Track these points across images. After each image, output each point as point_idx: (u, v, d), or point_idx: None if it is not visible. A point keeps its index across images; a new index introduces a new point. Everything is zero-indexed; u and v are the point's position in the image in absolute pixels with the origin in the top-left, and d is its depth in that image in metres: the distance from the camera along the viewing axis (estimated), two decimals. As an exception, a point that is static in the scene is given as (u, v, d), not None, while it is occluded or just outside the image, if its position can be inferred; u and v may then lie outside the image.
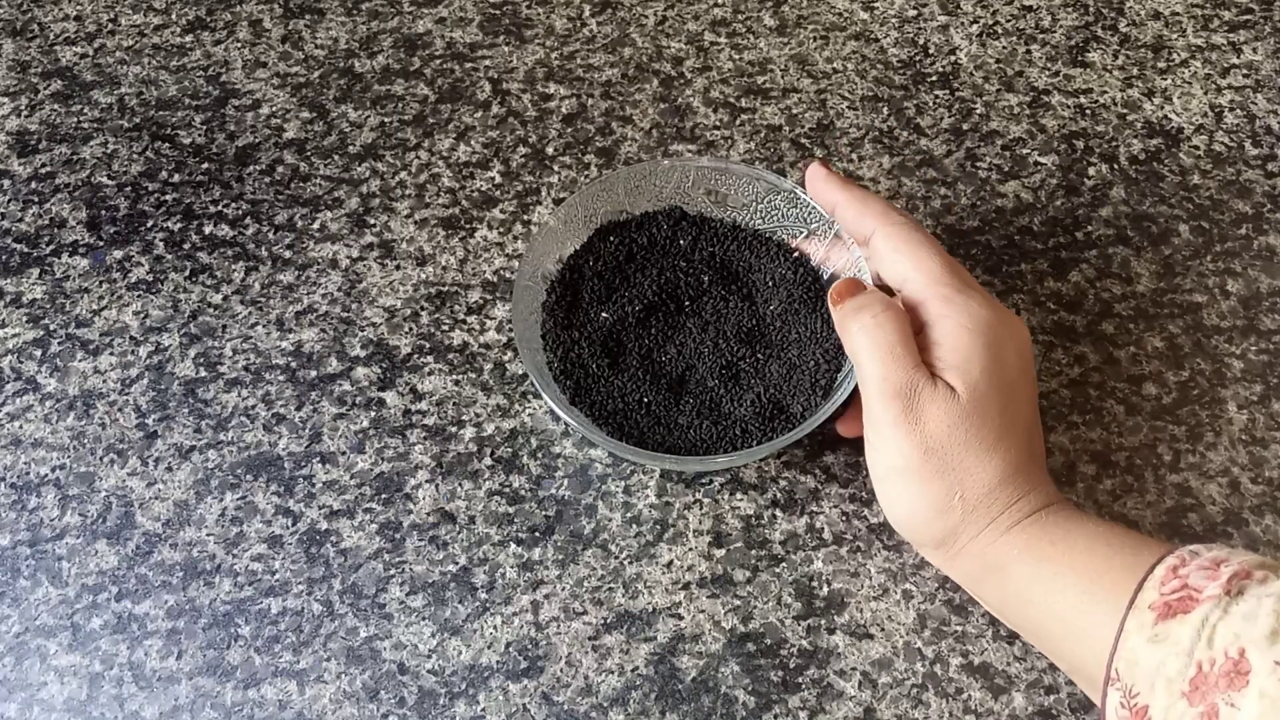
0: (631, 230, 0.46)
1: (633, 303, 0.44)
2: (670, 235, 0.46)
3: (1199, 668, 0.30)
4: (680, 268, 0.46)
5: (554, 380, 0.42)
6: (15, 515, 0.43)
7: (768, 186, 0.46)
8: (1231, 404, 0.46)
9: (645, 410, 0.42)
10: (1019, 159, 0.54)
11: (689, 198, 0.47)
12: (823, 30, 0.59)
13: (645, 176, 0.46)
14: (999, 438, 0.37)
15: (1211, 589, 0.31)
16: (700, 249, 0.46)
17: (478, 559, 0.42)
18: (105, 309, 0.48)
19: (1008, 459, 0.37)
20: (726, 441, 0.41)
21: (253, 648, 0.40)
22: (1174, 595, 0.32)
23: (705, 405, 0.42)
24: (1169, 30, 0.59)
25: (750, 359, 0.43)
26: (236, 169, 0.53)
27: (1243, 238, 0.51)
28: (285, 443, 0.45)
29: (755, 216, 0.47)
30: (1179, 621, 0.31)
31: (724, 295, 0.45)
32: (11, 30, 0.59)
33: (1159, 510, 0.43)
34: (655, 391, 0.43)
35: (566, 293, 0.45)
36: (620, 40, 0.58)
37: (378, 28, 0.59)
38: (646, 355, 0.44)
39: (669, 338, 0.44)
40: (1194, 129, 0.55)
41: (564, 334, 0.44)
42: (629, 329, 0.44)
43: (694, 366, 0.43)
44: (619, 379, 0.43)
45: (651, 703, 0.39)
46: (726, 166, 0.46)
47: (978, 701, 0.39)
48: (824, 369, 0.42)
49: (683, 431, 0.42)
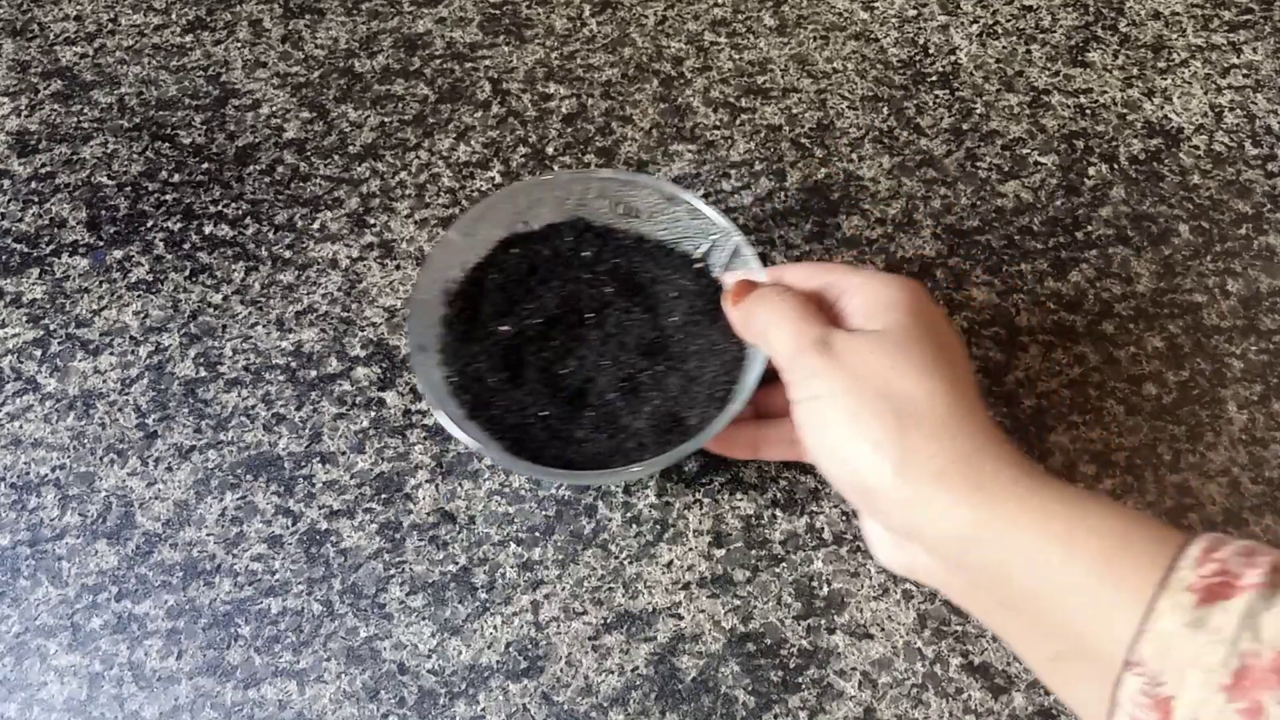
0: (535, 242, 0.46)
1: (534, 315, 0.44)
2: (574, 247, 0.46)
3: (1243, 660, 0.27)
4: (583, 279, 0.45)
5: (451, 395, 0.42)
6: (15, 515, 0.43)
7: (670, 198, 0.45)
8: (1231, 404, 0.46)
9: (543, 424, 0.41)
10: (1019, 159, 0.54)
11: (594, 209, 0.46)
12: (823, 30, 0.59)
13: (549, 188, 0.46)
14: (936, 363, 0.34)
15: (1253, 576, 0.28)
16: (604, 260, 0.45)
17: (478, 559, 0.42)
18: (105, 309, 0.48)
19: (952, 380, 0.33)
20: (621, 455, 0.40)
21: (253, 648, 0.40)
22: (1214, 578, 0.28)
23: (604, 418, 0.42)
24: (1169, 30, 0.59)
25: (650, 371, 0.43)
26: (236, 169, 0.53)
27: (1243, 238, 0.51)
28: (285, 443, 0.45)
29: (659, 228, 0.46)
30: (1221, 608, 0.28)
31: (626, 307, 0.44)
32: (11, 30, 0.59)
33: (1159, 510, 0.43)
34: (554, 405, 0.42)
35: (467, 306, 0.44)
36: (620, 40, 0.58)
37: (378, 27, 0.59)
38: (546, 368, 0.43)
39: (570, 350, 0.43)
40: (1194, 129, 0.55)
41: (463, 347, 0.43)
42: (529, 342, 0.43)
43: (594, 379, 0.43)
44: (518, 393, 0.42)
45: (651, 703, 0.39)
46: (630, 178, 0.45)
47: (978, 701, 0.39)
48: (721, 380, 0.41)
49: (578, 445, 0.41)
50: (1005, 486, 0.32)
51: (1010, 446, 0.33)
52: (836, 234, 0.51)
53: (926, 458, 0.32)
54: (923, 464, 0.32)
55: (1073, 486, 0.33)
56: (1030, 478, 0.32)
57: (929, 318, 0.36)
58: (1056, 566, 0.31)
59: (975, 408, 0.34)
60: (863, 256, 0.50)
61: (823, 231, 0.51)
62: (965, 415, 0.33)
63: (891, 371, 0.33)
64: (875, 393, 0.33)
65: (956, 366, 0.34)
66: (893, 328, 0.35)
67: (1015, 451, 0.33)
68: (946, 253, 0.50)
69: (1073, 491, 0.32)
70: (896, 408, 0.33)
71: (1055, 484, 0.33)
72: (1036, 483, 0.32)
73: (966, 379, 0.35)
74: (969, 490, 0.32)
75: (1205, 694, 0.27)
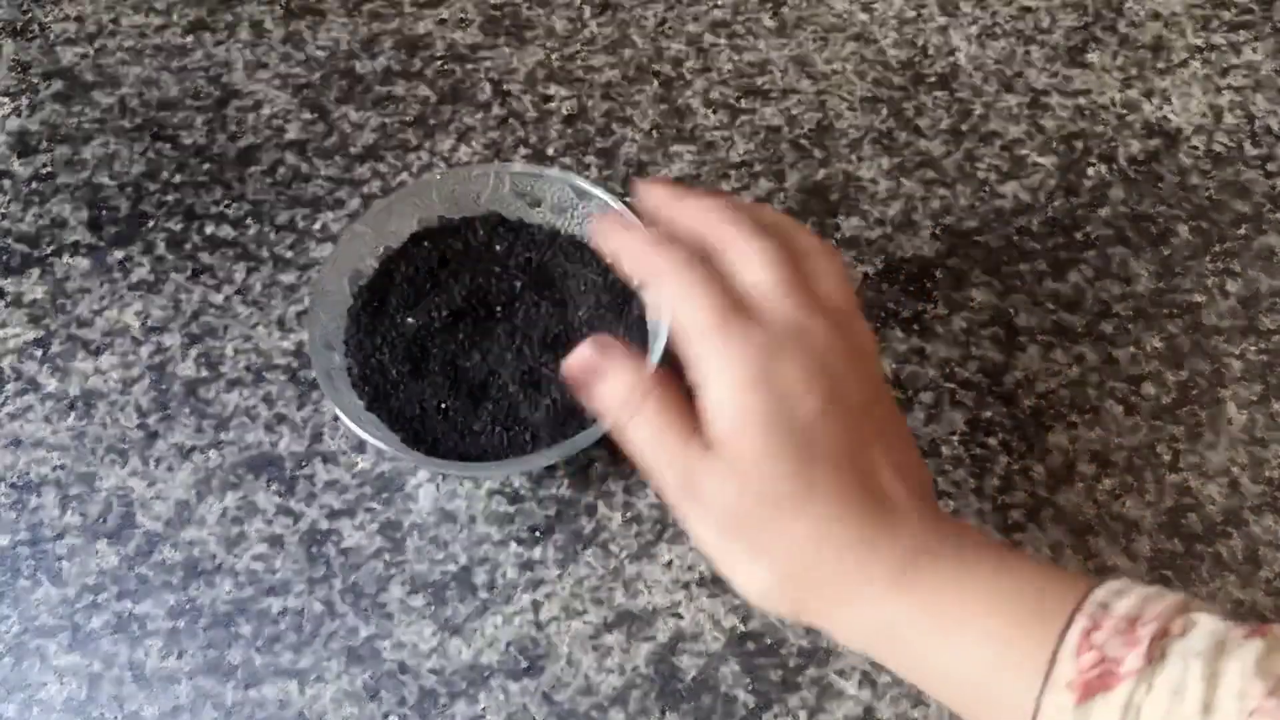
0: (447, 236, 0.46)
1: (440, 309, 0.44)
2: (486, 241, 0.46)
3: None
4: (494, 273, 0.45)
5: (351, 386, 0.42)
6: (15, 515, 0.43)
7: (580, 193, 0.45)
8: (1231, 404, 0.46)
9: (443, 416, 0.42)
10: (1018, 159, 0.54)
11: (507, 203, 0.46)
12: (822, 31, 0.59)
13: (461, 182, 0.46)
14: (811, 484, 0.31)
15: (1132, 660, 0.28)
16: (516, 255, 0.46)
17: (478, 558, 0.42)
18: (106, 309, 0.49)
19: (834, 504, 0.31)
20: (517, 447, 0.41)
21: (253, 647, 0.40)
22: (1092, 671, 0.28)
23: (503, 411, 0.42)
24: (1168, 30, 0.59)
25: (552, 364, 0.43)
26: (238, 169, 0.53)
27: (1242, 238, 0.51)
28: (286, 442, 0.45)
29: (572, 223, 0.46)
30: (1102, 701, 0.28)
31: (535, 301, 0.45)
32: (12, 30, 0.59)
33: (1159, 510, 0.43)
34: (455, 398, 0.42)
35: (374, 299, 0.44)
36: (620, 41, 0.58)
37: (379, 29, 0.59)
38: (450, 361, 0.43)
39: (475, 344, 0.44)
40: (1193, 129, 0.55)
41: (366, 339, 0.43)
42: (434, 335, 0.44)
43: (497, 373, 0.43)
44: (418, 385, 0.42)
45: (651, 702, 0.39)
46: (540, 172, 0.46)
47: (978, 701, 0.39)
48: None
49: (475, 438, 0.41)
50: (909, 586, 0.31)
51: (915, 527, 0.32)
52: (836, 234, 0.51)
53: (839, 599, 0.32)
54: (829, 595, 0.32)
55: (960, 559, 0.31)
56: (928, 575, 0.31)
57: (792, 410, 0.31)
58: (951, 670, 0.31)
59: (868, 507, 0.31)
60: (862, 257, 0.50)
61: (823, 232, 0.51)
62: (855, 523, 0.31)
63: (759, 517, 0.31)
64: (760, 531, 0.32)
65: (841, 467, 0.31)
66: (729, 451, 0.31)
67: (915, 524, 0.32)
68: (946, 253, 0.50)
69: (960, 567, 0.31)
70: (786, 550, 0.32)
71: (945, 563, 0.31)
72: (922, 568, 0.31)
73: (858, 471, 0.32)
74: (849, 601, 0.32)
75: None
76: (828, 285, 0.34)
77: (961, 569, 0.31)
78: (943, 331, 0.48)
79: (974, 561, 0.32)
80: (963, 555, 0.32)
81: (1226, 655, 0.28)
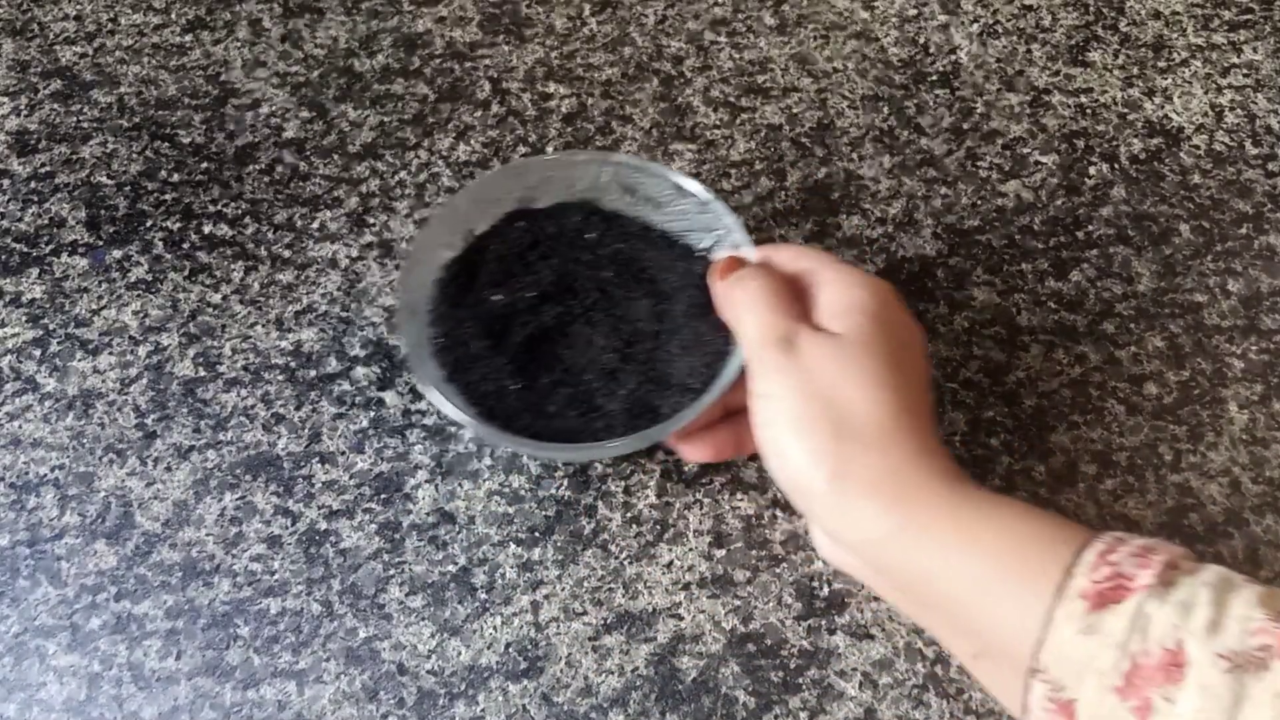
0: (541, 219, 0.46)
1: (527, 289, 0.44)
2: (579, 227, 0.46)
3: (1133, 661, 0.29)
4: (583, 260, 0.45)
5: (432, 356, 0.42)
6: (15, 515, 0.43)
7: (679, 189, 0.45)
8: (1232, 404, 0.46)
9: (517, 395, 0.42)
10: (1019, 158, 0.54)
11: (604, 193, 0.46)
12: (823, 29, 0.59)
13: (561, 167, 0.46)
14: (888, 376, 0.35)
15: (1145, 577, 0.30)
16: (606, 244, 0.45)
17: (477, 559, 0.42)
18: (104, 309, 0.48)
19: (898, 398, 0.35)
20: (590, 434, 0.41)
21: (252, 648, 0.40)
22: (1106, 584, 0.30)
23: (578, 397, 0.42)
24: (1169, 30, 0.59)
25: (633, 357, 0.43)
26: (236, 168, 0.53)
27: (1243, 237, 0.51)
28: (284, 442, 0.45)
29: (668, 218, 0.46)
30: (1111, 612, 0.29)
31: (621, 292, 0.44)
32: (11, 30, 0.59)
33: (1160, 510, 0.43)
34: (531, 378, 0.42)
35: (463, 272, 0.44)
36: (620, 39, 0.58)
37: (377, 27, 0.59)
38: (531, 342, 0.43)
39: (558, 327, 0.44)
40: (1194, 128, 0.55)
41: (452, 311, 0.43)
42: (518, 314, 0.44)
43: (576, 358, 0.43)
44: (497, 361, 0.42)
45: (651, 703, 0.39)
46: (643, 165, 0.45)
47: (978, 702, 0.39)
48: (701, 374, 0.41)
49: (549, 420, 0.41)
50: (926, 496, 0.34)
51: (942, 459, 0.35)
52: (837, 234, 0.51)
53: (859, 468, 0.34)
54: (854, 474, 0.34)
55: (995, 496, 0.35)
56: (951, 488, 0.34)
57: (891, 325, 0.37)
58: (966, 573, 0.33)
59: (917, 421, 0.35)
60: (863, 256, 0.50)
61: (823, 231, 0.51)
62: (905, 429, 0.35)
63: (842, 380, 0.35)
64: (822, 401, 0.35)
65: (908, 376, 0.36)
66: (852, 332, 0.36)
67: (947, 464, 0.35)
68: (947, 252, 0.50)
69: (990, 500, 0.34)
70: (838, 418, 0.35)
71: (975, 494, 0.34)
72: (957, 493, 0.34)
73: (917, 389, 0.36)
74: (890, 500, 0.34)
75: (1100, 696, 0.29)
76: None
77: (990, 499, 0.34)
78: (944, 331, 0.48)
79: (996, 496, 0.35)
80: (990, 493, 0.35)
81: (1233, 590, 0.30)
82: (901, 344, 0.37)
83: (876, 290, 0.38)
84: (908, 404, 0.35)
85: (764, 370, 0.36)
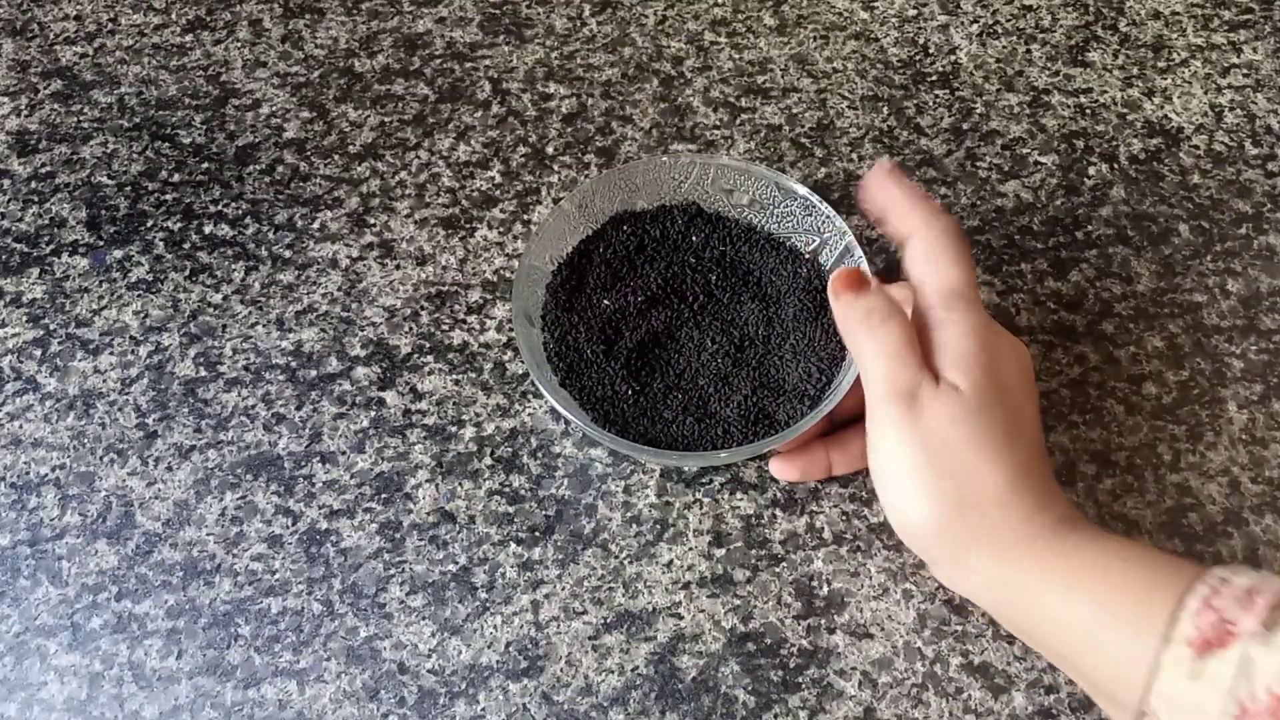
0: (645, 222, 0.46)
1: (636, 293, 0.44)
2: (684, 230, 0.46)
3: (1241, 706, 0.29)
4: (689, 263, 0.45)
5: (547, 360, 0.42)
6: (15, 515, 0.43)
7: (785, 191, 0.45)
8: (1231, 404, 0.46)
9: (632, 400, 0.42)
10: (1019, 158, 0.54)
11: (707, 195, 0.47)
12: (823, 30, 0.59)
13: (665, 169, 0.46)
14: (1006, 440, 0.36)
15: (1248, 622, 0.30)
16: (712, 247, 0.46)
17: (478, 559, 0.42)
18: (105, 309, 0.48)
19: (1017, 463, 0.36)
20: (707, 441, 0.41)
21: (253, 647, 0.40)
22: (1211, 630, 0.31)
23: (693, 403, 0.42)
24: (1169, 30, 0.59)
25: (745, 362, 0.43)
26: (236, 169, 0.53)
27: (1243, 237, 0.51)
28: (285, 442, 0.45)
29: (771, 220, 0.46)
30: (1218, 657, 0.30)
31: (730, 296, 0.45)
32: (11, 30, 0.59)
33: (1159, 510, 0.43)
34: (645, 383, 0.43)
35: (572, 276, 0.45)
36: (620, 40, 0.58)
37: (378, 27, 0.59)
38: (642, 346, 0.44)
39: (667, 332, 0.44)
40: (1194, 129, 0.55)
41: (564, 316, 0.44)
42: (629, 319, 0.44)
43: (689, 363, 0.43)
44: (611, 366, 0.43)
45: (651, 702, 0.39)
46: (746, 167, 0.46)
47: (978, 701, 0.39)
48: (815, 380, 0.42)
49: (665, 425, 0.42)
50: (1038, 549, 0.35)
51: (1055, 509, 0.36)
52: (836, 234, 0.51)
53: (974, 529, 0.36)
54: (969, 534, 0.36)
55: (1103, 536, 0.36)
56: (1060, 537, 0.36)
57: (1006, 379, 0.37)
58: (1073, 621, 0.34)
59: (1032, 480, 0.36)
60: (863, 256, 0.50)
61: (823, 231, 0.51)
62: (1020, 490, 0.36)
63: (962, 446, 0.35)
64: (943, 466, 0.36)
65: (1025, 433, 0.37)
66: (972, 391, 0.36)
67: (1060, 512, 0.36)
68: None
69: (1099, 543, 0.36)
70: (959, 488, 0.35)
71: (1084, 538, 0.36)
72: (1066, 541, 0.36)
73: (1032, 443, 0.37)
74: (1003, 557, 0.36)
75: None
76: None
77: (1097, 540, 0.36)
78: (943, 331, 0.48)
79: (1105, 537, 0.36)
80: (1095, 531, 0.36)
81: None
82: (1015, 396, 0.37)
83: (988, 340, 0.37)
84: (1024, 464, 0.36)
85: (886, 424, 0.36)
